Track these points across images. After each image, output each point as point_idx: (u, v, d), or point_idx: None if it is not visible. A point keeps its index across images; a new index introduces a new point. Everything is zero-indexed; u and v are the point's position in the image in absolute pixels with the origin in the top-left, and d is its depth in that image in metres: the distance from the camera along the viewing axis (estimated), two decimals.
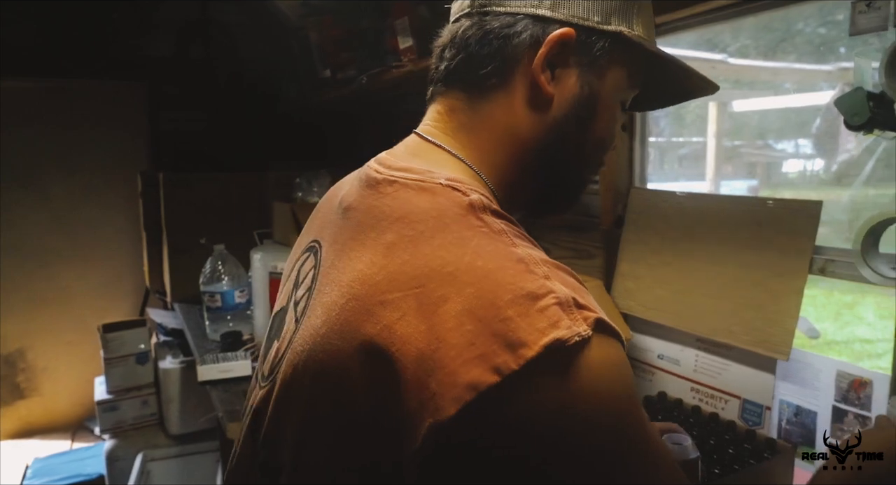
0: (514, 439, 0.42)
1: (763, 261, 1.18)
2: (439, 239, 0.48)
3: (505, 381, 0.41)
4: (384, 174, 0.56)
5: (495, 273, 0.45)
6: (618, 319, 1.41)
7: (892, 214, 0.91)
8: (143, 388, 2.40)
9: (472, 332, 0.43)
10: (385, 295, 0.47)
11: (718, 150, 4.08)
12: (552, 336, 0.42)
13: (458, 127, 0.59)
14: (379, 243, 0.50)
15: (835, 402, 1.11)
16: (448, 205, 0.51)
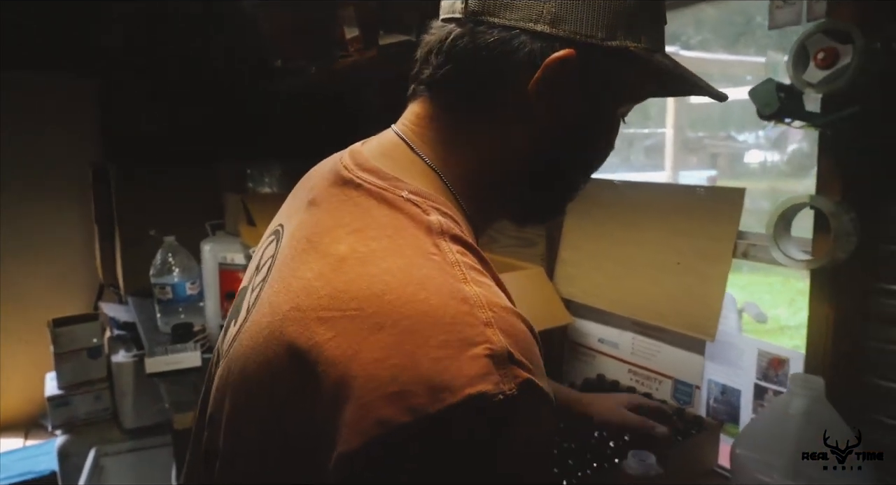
0: (414, 481, 0.41)
1: (692, 246, 1.23)
2: (389, 262, 0.46)
3: (416, 422, 0.40)
4: (352, 174, 0.54)
5: (435, 310, 0.43)
6: (558, 305, 1.44)
7: (801, 199, 0.95)
8: (95, 382, 2.37)
9: (397, 366, 0.41)
10: (324, 312, 0.45)
11: (677, 140, 4.17)
12: (478, 388, 0.40)
13: (437, 137, 0.56)
14: (331, 254, 0.49)
15: (756, 380, 1.16)
16: (406, 224, 0.49)
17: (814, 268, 0.95)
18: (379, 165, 0.54)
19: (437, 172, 0.55)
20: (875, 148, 0.93)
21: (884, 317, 0.98)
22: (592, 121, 0.57)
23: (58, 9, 2.59)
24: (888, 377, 0.98)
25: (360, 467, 0.42)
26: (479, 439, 0.41)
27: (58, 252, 2.99)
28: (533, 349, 0.45)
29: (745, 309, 2.01)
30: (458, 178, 0.55)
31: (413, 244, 0.48)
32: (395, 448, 0.41)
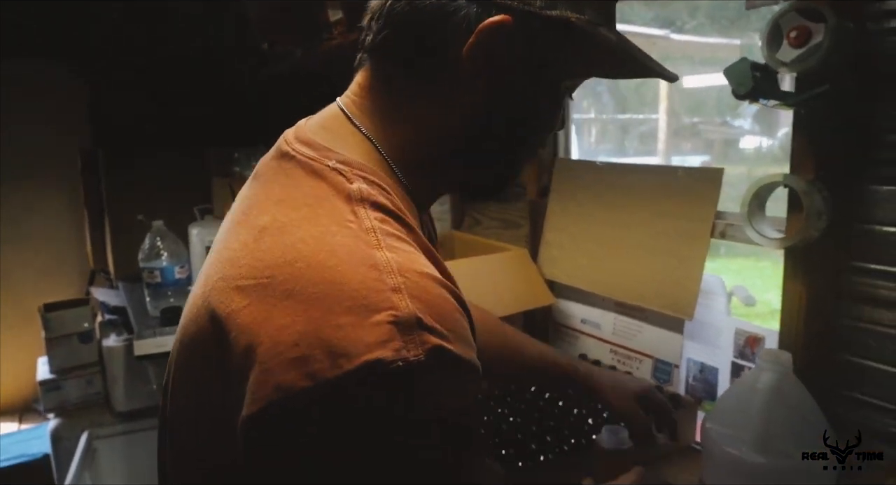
0: (313, 446, 0.42)
1: (671, 227, 1.24)
2: (304, 231, 0.47)
3: (316, 387, 0.40)
4: (290, 146, 0.54)
5: (343, 277, 0.43)
6: (542, 286, 1.45)
7: (775, 178, 0.96)
8: (87, 367, 2.38)
9: (301, 333, 0.41)
10: (242, 280, 0.46)
11: (670, 126, 4.16)
12: (375, 355, 0.40)
13: (375, 107, 0.56)
14: (255, 225, 0.50)
15: (733, 358, 1.18)
16: (327, 193, 0.49)
17: (786, 246, 0.96)
18: (316, 137, 0.55)
19: (373, 143, 0.55)
20: (848, 127, 0.93)
21: (855, 295, 0.99)
22: (530, 93, 0.55)
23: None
24: (859, 354, 1.00)
25: (261, 431, 0.42)
26: (378, 406, 0.41)
27: (48, 238, 2.99)
28: (451, 315, 0.45)
29: (735, 292, 2.02)
30: (395, 148, 0.55)
31: (330, 212, 0.48)
32: (294, 413, 0.41)
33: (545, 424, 1.13)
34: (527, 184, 1.53)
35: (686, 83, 4.46)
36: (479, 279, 1.38)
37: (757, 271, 4.45)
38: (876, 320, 0.98)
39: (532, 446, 1.05)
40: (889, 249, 0.95)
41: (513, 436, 1.08)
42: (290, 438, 0.42)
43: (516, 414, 1.17)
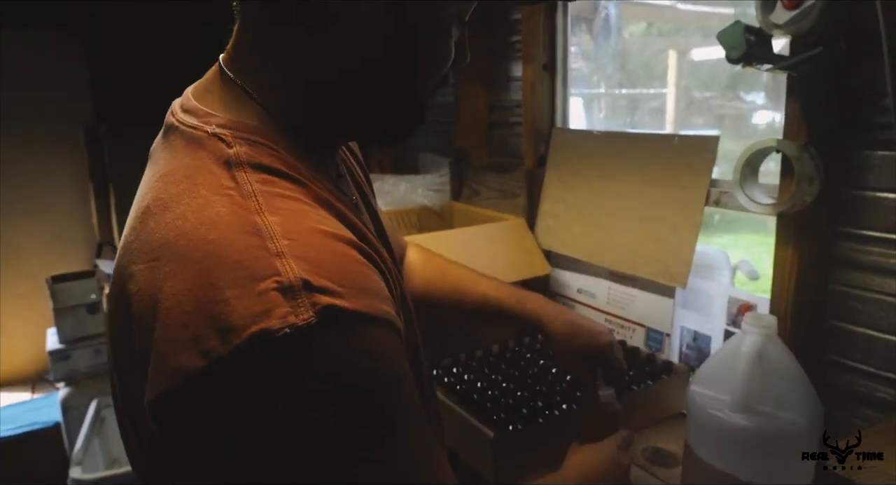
0: (217, 426, 0.40)
1: (666, 195, 1.23)
2: (184, 205, 0.45)
3: (211, 366, 0.39)
4: (175, 117, 0.52)
5: (224, 249, 0.41)
6: (539, 255, 1.46)
7: (767, 143, 0.95)
8: (95, 337, 2.43)
9: (189, 313, 0.40)
10: (133, 266, 0.45)
11: (679, 99, 4.10)
12: (261, 325, 0.38)
13: (250, 58, 0.52)
14: (141, 206, 0.48)
15: (726, 326, 1.19)
16: (206, 162, 0.47)
17: (778, 212, 0.96)
18: (199, 102, 0.52)
19: (255, 100, 0.51)
20: (841, 91, 0.92)
21: (846, 261, 0.99)
22: (405, 24, 0.50)
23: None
24: (848, 320, 1.00)
25: (165, 415, 0.41)
26: (276, 378, 0.39)
27: (55, 211, 3.02)
28: (346, 270, 0.43)
29: (739, 266, 2.02)
30: (280, 102, 0.51)
31: (209, 182, 0.46)
32: (194, 394, 0.40)
33: (537, 389, 1.14)
34: (524, 154, 1.53)
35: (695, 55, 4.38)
36: (477, 249, 1.39)
37: (764, 247, 4.43)
38: (866, 286, 0.98)
39: (523, 411, 1.07)
40: (881, 214, 0.95)
41: (504, 401, 1.10)
42: (193, 419, 0.41)
43: (508, 380, 1.18)
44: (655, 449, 1.07)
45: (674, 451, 1.05)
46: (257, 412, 0.40)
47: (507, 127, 1.65)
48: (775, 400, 0.79)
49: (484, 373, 1.22)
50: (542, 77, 1.48)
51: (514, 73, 1.62)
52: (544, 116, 1.50)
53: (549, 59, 1.48)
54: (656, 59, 3.92)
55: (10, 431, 2.43)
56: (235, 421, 0.40)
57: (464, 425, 1.05)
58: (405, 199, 1.69)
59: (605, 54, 1.81)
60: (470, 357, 1.28)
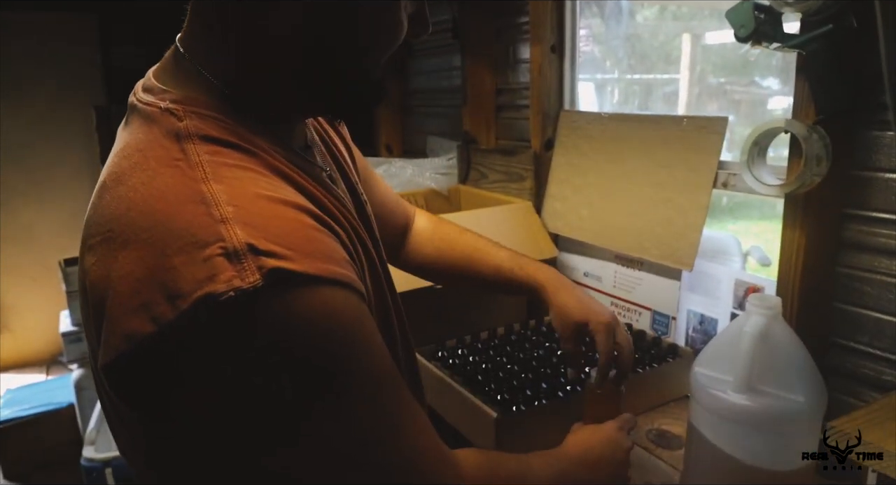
0: (169, 391, 0.42)
1: (674, 178, 1.22)
2: (136, 178, 0.46)
3: (162, 331, 0.40)
4: (135, 97, 0.53)
5: (171, 218, 0.43)
6: (545, 239, 1.46)
7: (776, 124, 0.94)
8: None
9: (140, 280, 0.41)
10: (90, 239, 0.47)
11: (693, 85, 4.05)
12: (206, 290, 0.39)
13: (199, 30, 0.53)
14: (100, 181, 0.50)
15: (732, 309, 1.18)
16: (157, 136, 0.48)
17: (786, 192, 0.95)
18: (157, 80, 0.53)
19: (206, 74, 0.52)
20: (850, 71, 0.91)
21: (854, 243, 0.98)
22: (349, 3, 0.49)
23: None
24: (856, 303, 0.99)
25: (119, 381, 0.43)
26: (224, 342, 0.40)
27: (67, 195, 3.05)
28: (295, 234, 0.44)
29: (750, 252, 2.00)
30: (225, 74, 0.52)
31: (159, 155, 0.47)
32: (145, 359, 0.41)
33: (541, 371, 1.15)
34: (532, 136, 1.52)
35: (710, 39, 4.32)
36: (483, 232, 1.38)
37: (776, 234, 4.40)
38: (875, 268, 0.97)
39: (527, 392, 1.07)
40: (890, 195, 0.93)
41: (508, 382, 1.10)
42: (146, 383, 0.42)
43: (512, 362, 1.19)
44: (660, 431, 1.07)
45: (678, 433, 1.05)
46: (205, 377, 0.41)
47: (515, 110, 1.64)
48: (778, 381, 0.78)
49: (488, 355, 1.23)
50: (550, 59, 1.47)
51: (521, 55, 1.61)
52: (552, 99, 1.48)
53: (557, 40, 1.46)
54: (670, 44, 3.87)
55: (25, 411, 2.47)
56: (184, 385, 0.41)
57: (467, 406, 1.05)
58: (412, 181, 1.69)
59: (616, 38, 1.79)
60: (475, 339, 1.29)
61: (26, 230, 3.03)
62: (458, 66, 1.85)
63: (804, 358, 0.81)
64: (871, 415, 0.58)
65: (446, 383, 1.11)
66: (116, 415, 0.52)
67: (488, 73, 1.68)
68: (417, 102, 2.22)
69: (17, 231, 3.01)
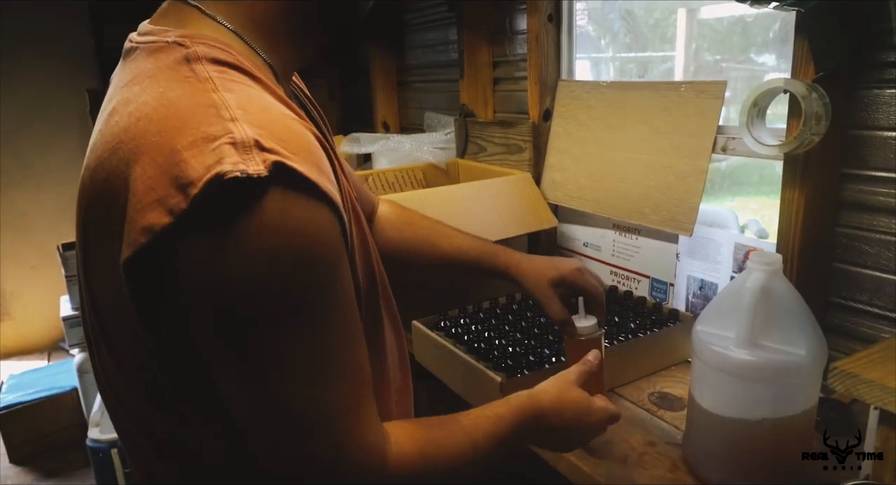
0: (185, 280, 0.44)
1: (673, 144, 1.23)
2: (146, 95, 0.49)
3: (178, 221, 0.42)
4: (131, 43, 0.56)
5: (182, 120, 0.45)
6: (545, 209, 1.46)
7: (775, 83, 0.94)
8: None
9: (153, 178, 0.44)
10: (97, 160, 0.50)
11: (689, 62, 4.04)
12: (215, 171, 0.42)
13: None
14: (104, 114, 0.53)
15: (732, 272, 1.19)
16: (166, 62, 0.50)
17: (785, 152, 0.95)
18: (154, 26, 0.56)
19: (213, 18, 0.55)
20: (849, 27, 0.91)
21: (854, 202, 0.99)
22: None
23: None
24: (854, 262, 1.00)
25: (138, 276, 0.45)
26: (233, 222, 0.42)
27: (62, 179, 3.03)
28: (297, 139, 0.46)
29: (748, 225, 2.02)
30: (236, 18, 0.55)
31: (169, 75, 0.49)
32: (166, 250, 0.43)
33: (544, 337, 1.16)
34: (530, 107, 1.52)
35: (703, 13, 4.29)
36: (483, 203, 1.39)
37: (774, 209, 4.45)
38: (874, 227, 0.97)
39: (530, 358, 1.08)
40: (889, 154, 0.94)
41: (512, 349, 1.12)
42: (170, 274, 0.44)
43: (515, 329, 1.20)
44: (662, 394, 1.09)
45: (680, 395, 1.07)
46: (218, 261, 0.43)
47: (513, 81, 1.64)
48: (779, 335, 0.79)
49: (491, 323, 1.23)
50: (547, 28, 1.46)
51: (518, 27, 1.60)
52: (550, 69, 1.48)
53: (554, 9, 1.46)
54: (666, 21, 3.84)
55: (29, 396, 2.48)
56: (200, 273, 0.44)
57: (472, 372, 1.06)
58: (410, 156, 1.68)
59: (612, 12, 1.78)
60: (477, 308, 1.30)
61: (23, 217, 3.02)
62: (454, 40, 1.83)
63: (804, 312, 0.82)
64: (872, 356, 0.59)
65: (450, 351, 1.12)
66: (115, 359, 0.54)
67: (485, 46, 1.67)
68: (414, 78, 2.21)
69: (14, 218, 3.00)
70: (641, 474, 0.87)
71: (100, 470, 2.01)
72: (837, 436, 0.88)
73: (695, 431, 0.89)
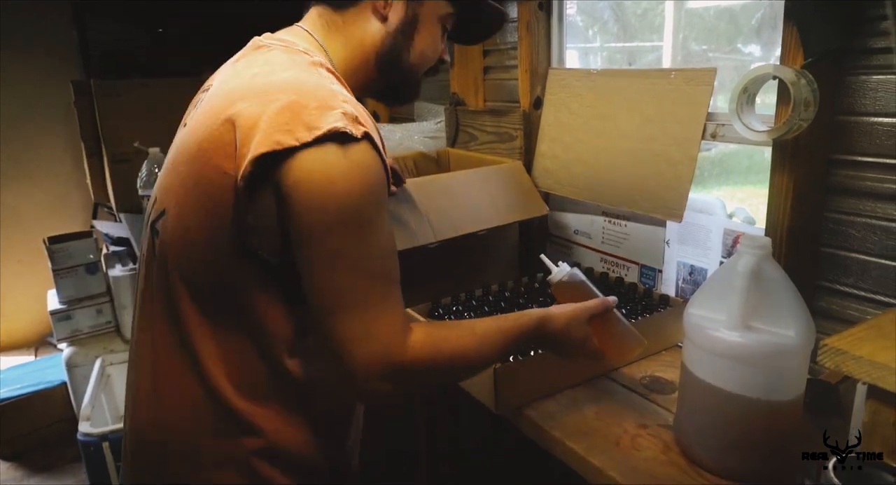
0: (290, 191, 0.65)
1: (663, 131, 1.23)
2: (287, 73, 0.73)
3: (300, 146, 0.64)
4: (266, 42, 0.82)
5: (313, 91, 0.69)
6: (536, 197, 1.47)
7: (764, 69, 0.95)
8: (96, 297, 2.44)
9: (288, 117, 0.66)
10: (244, 94, 0.71)
11: (676, 52, 4.05)
12: (335, 125, 0.65)
13: (323, 26, 0.85)
14: (246, 74, 0.76)
15: (722, 258, 1.20)
16: (297, 59, 0.77)
17: (774, 137, 0.96)
18: (285, 36, 0.83)
19: (325, 50, 0.83)
20: (837, 16, 0.92)
21: (841, 187, 1.00)
22: (416, 22, 0.85)
23: None
24: (841, 246, 1.02)
25: (261, 166, 0.65)
26: (336, 159, 0.65)
27: (50, 173, 3.00)
28: (371, 123, 0.71)
29: (735, 213, 2.04)
30: (333, 52, 0.84)
31: (303, 67, 0.75)
32: (283, 162, 0.65)
33: None
34: (521, 95, 1.52)
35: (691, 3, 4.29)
36: (475, 191, 1.39)
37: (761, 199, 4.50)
38: (860, 212, 0.99)
39: None
40: (875, 139, 0.95)
41: None
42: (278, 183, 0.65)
43: None
44: (653, 377, 1.10)
45: (671, 379, 1.08)
46: (323, 182, 0.65)
47: (503, 70, 1.64)
48: (770, 317, 0.81)
49: (484, 311, 1.24)
50: (537, 16, 1.46)
51: (509, 15, 1.60)
52: (540, 56, 1.48)
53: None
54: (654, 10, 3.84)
55: (17, 391, 2.46)
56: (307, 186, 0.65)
57: None
58: (401, 145, 1.68)
59: (600, 1, 1.78)
60: (470, 296, 1.30)
61: (12, 212, 2.98)
62: None
63: (794, 295, 0.83)
64: (860, 333, 0.60)
65: None
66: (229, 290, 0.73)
67: None
68: None
69: (2, 213, 2.97)
70: (635, 455, 0.88)
71: (91, 464, 2.00)
72: (823, 415, 0.90)
73: (687, 411, 0.90)
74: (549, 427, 0.96)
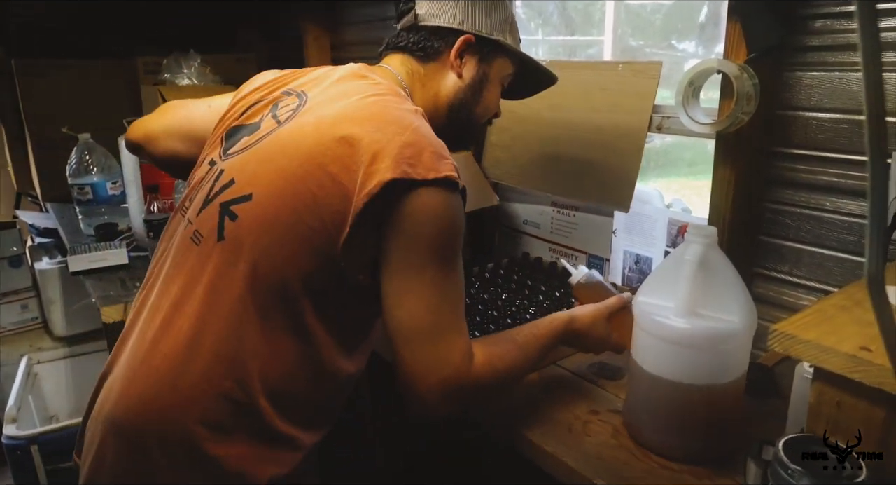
0: (404, 217, 0.74)
1: (611, 122, 1.26)
2: (400, 113, 0.82)
3: (417, 181, 0.74)
4: (369, 74, 0.92)
5: (429, 137, 0.80)
6: (486, 187, 1.47)
7: (708, 64, 0.98)
8: (20, 292, 2.30)
9: (412, 153, 0.75)
10: (359, 120, 0.80)
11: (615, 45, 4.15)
12: (447, 173, 0.76)
13: (407, 74, 0.96)
14: (354, 98, 0.85)
15: (666, 247, 1.24)
16: (392, 96, 0.87)
17: (718, 130, 1.00)
18: (374, 74, 0.93)
19: (410, 95, 0.94)
20: (777, 12, 0.96)
21: (777, 179, 1.05)
22: (485, 80, 0.98)
23: None
24: (776, 234, 1.07)
25: (388, 188, 0.73)
26: (442, 201, 0.75)
27: None
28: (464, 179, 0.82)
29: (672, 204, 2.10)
30: (415, 102, 0.93)
31: (409, 111, 0.84)
32: (402, 192, 0.74)
33: (527, 308, 1.20)
34: None
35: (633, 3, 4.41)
36: None
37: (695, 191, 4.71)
38: (796, 202, 1.04)
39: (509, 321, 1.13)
40: (810, 133, 1.00)
41: (499, 317, 1.18)
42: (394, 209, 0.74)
43: (521, 290, 1.26)
44: (602, 364, 1.12)
45: (618, 365, 1.11)
46: (423, 216, 0.75)
47: None
48: (715, 304, 0.84)
49: (497, 284, 1.28)
50: None
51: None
52: None
53: None
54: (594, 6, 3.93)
55: None
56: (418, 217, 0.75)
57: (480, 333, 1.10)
58: None
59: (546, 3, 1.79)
60: (483, 270, 1.35)
61: None
62: (391, 16, 1.80)
63: (738, 282, 0.86)
64: (806, 319, 0.63)
65: None
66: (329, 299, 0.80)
67: None
68: (350, 55, 2.16)
69: None
70: (586, 440, 0.90)
71: (18, 468, 1.89)
72: (762, 396, 0.94)
73: (636, 396, 0.93)
74: (503, 416, 0.96)
